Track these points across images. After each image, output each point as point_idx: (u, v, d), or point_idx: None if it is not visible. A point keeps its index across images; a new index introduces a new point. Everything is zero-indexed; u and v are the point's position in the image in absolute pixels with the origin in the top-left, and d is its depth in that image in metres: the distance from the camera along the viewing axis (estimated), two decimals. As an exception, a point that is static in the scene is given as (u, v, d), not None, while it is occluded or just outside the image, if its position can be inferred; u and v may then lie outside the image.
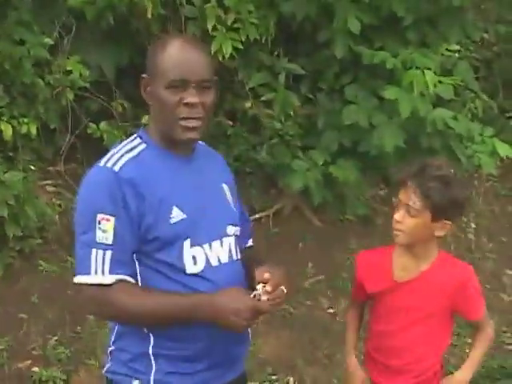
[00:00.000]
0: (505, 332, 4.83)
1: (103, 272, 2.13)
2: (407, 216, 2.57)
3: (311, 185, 4.96)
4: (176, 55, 2.18)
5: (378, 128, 4.82)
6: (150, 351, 2.23)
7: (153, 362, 2.23)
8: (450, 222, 2.60)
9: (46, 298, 4.34)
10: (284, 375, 4.48)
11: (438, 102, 4.96)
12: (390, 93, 4.67)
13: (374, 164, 5.21)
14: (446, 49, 5.03)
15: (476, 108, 5.53)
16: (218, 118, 5.03)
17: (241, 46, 4.62)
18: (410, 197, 2.54)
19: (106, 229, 2.13)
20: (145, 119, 4.41)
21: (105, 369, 2.35)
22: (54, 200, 4.64)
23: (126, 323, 2.26)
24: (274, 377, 4.44)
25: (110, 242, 2.13)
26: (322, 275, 5.20)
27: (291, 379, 4.48)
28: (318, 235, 5.50)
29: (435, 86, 4.57)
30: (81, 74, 4.48)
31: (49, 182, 4.83)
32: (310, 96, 5.30)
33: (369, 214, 5.75)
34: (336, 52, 4.88)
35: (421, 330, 2.71)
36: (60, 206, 4.63)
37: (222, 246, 2.29)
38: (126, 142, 2.29)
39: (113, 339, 2.31)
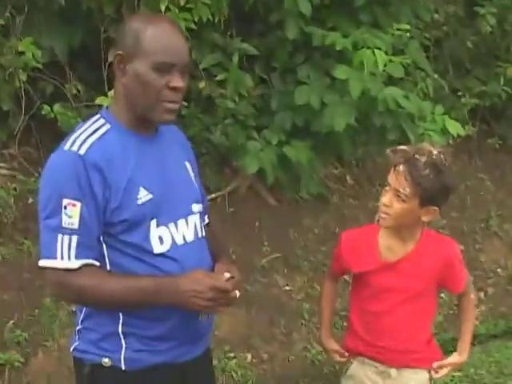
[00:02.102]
0: (457, 305, 4.93)
1: (69, 257, 2.14)
2: (395, 200, 2.58)
3: (265, 165, 4.99)
4: (165, 37, 2.18)
5: (329, 107, 4.85)
6: (120, 330, 2.25)
7: (123, 340, 2.26)
8: (437, 208, 2.62)
9: (2, 281, 4.31)
10: (242, 353, 4.54)
11: (390, 81, 5.02)
12: (340, 72, 4.71)
13: (327, 143, 5.25)
14: (397, 29, 5.08)
15: (427, 87, 5.61)
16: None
17: (194, 27, 4.62)
18: (401, 182, 2.55)
19: (71, 214, 2.13)
20: (99, 101, 4.40)
21: (72, 347, 2.36)
22: (8, 183, 4.60)
23: (92, 306, 2.27)
24: (231, 354, 4.49)
25: (75, 226, 2.14)
26: (277, 253, 5.26)
27: (249, 356, 4.55)
28: (273, 214, 5.55)
29: (385, 65, 4.62)
30: (33, 55, 4.44)
31: (3, 165, 4.78)
32: (264, 76, 5.32)
33: (323, 193, 5.81)
34: (287, 33, 4.89)
35: (411, 309, 2.74)
36: (15, 189, 4.59)
37: (187, 224, 2.32)
38: (89, 122, 2.26)
39: (81, 318, 2.32)
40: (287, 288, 5.11)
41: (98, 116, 2.28)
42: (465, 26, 6.79)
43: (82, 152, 2.14)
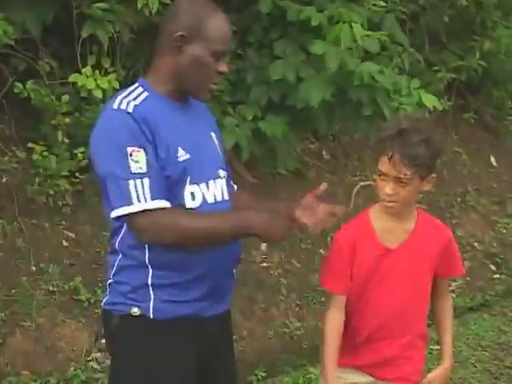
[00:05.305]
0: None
1: (145, 199, 2.27)
2: (398, 187, 2.53)
3: (241, 141, 4.98)
4: (225, 27, 2.42)
5: (304, 82, 4.83)
6: (149, 282, 2.39)
7: (151, 291, 2.39)
8: (435, 175, 2.61)
9: (-22, 261, 4.29)
10: (220, 329, 4.54)
11: (366, 55, 5.00)
12: (316, 48, 4.67)
13: (303, 118, 5.24)
14: (374, 4, 5.06)
15: (403, 61, 5.60)
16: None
17: (168, 1, 4.56)
18: (400, 169, 2.50)
19: (137, 159, 2.28)
20: (72, 78, 4.35)
21: (103, 302, 2.51)
22: (-18, 162, 4.55)
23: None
24: (210, 331, 4.49)
25: (144, 170, 2.28)
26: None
27: (227, 333, 4.54)
28: (250, 190, 5.53)
29: (362, 39, 4.59)
30: (5, 32, 4.36)
31: (-24, 143, 4.73)
32: (239, 51, 5.29)
33: (300, 168, 5.80)
34: (261, 7, 4.85)
35: (417, 291, 2.69)
36: (-12, 167, 4.55)
37: (215, 186, 2.48)
38: (128, 90, 2.42)
39: (113, 273, 2.46)
40: (265, 264, 5.12)
41: (137, 85, 2.45)
42: (441, 0, 6.78)
43: (130, 109, 2.31)
